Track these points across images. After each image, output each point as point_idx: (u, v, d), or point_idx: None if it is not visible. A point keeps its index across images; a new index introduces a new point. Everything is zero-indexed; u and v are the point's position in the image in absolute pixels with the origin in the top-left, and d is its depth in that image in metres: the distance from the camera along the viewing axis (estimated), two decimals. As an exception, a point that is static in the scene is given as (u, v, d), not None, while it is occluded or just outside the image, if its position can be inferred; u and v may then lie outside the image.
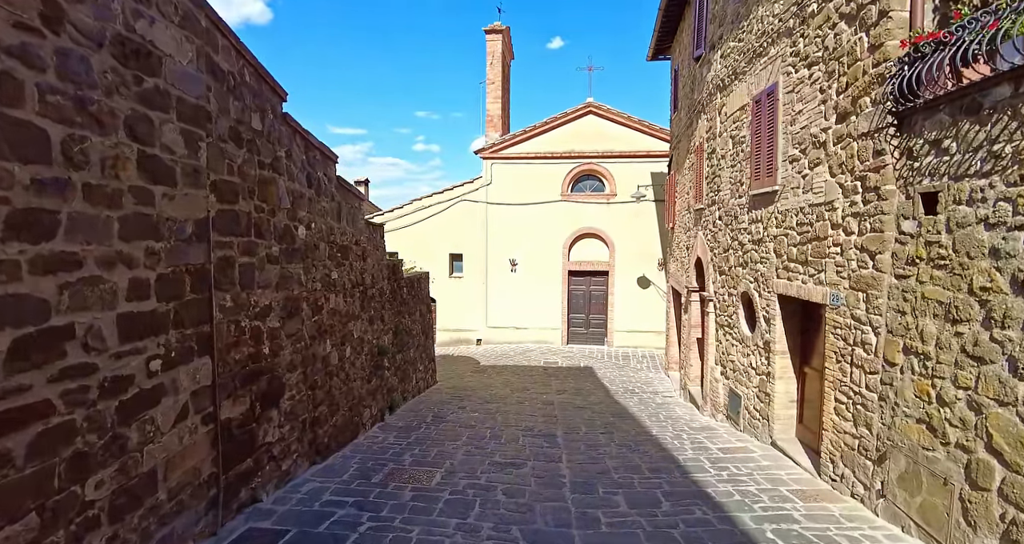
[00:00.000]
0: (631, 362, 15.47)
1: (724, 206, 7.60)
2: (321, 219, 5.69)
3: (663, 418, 8.36)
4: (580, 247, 17.44)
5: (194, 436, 3.36)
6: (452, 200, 17.80)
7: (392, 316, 8.46)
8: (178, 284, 3.20)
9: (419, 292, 10.67)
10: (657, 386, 12.00)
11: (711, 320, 8.20)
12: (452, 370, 14.36)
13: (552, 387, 11.89)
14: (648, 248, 16.92)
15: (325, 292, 5.68)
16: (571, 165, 17.18)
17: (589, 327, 17.65)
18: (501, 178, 17.49)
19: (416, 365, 9.98)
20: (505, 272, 17.62)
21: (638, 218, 16.92)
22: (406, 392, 9.10)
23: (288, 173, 4.90)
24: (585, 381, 12.75)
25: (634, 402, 9.99)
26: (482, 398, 10.01)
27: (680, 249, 11.24)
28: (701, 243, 8.81)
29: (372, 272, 7.46)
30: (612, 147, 16.95)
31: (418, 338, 10.26)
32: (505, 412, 8.56)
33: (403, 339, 9.05)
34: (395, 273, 8.80)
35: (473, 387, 11.68)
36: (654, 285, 17.01)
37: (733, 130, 7.29)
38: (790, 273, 5.58)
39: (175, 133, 3.18)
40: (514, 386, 11.89)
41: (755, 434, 6.53)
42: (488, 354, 16.54)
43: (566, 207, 17.25)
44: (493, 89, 17.86)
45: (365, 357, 6.98)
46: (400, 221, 18.03)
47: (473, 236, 17.73)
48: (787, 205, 5.63)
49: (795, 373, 5.99)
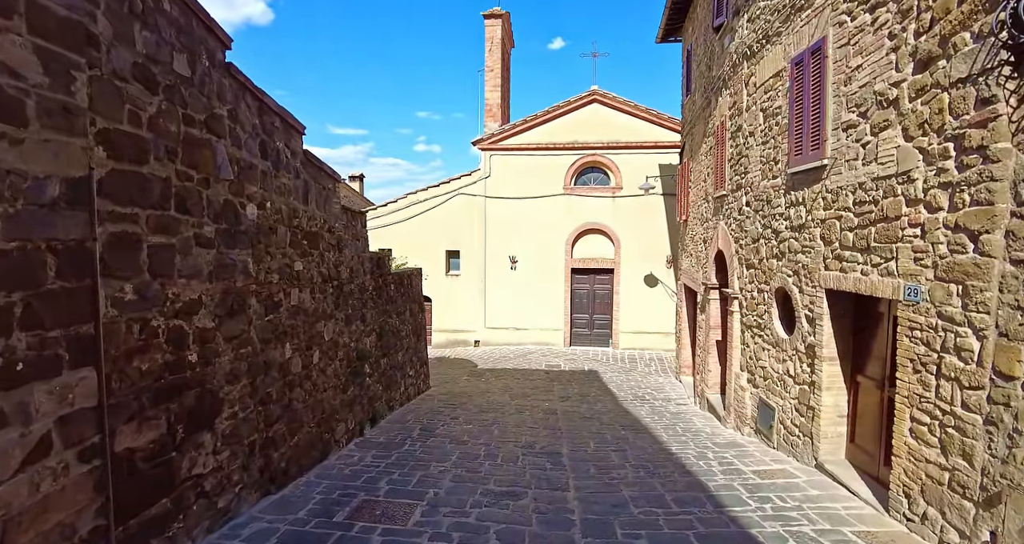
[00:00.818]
0: (638, 365, 14.51)
1: (753, 190, 6.65)
2: (281, 199, 4.75)
3: (681, 431, 7.40)
4: (584, 243, 16.49)
5: (62, 480, 2.41)
6: (449, 194, 16.87)
7: (376, 316, 7.52)
8: (29, 266, 2.26)
9: (409, 290, 9.73)
10: (669, 392, 11.04)
11: (735, 320, 7.25)
12: (447, 374, 13.42)
13: (555, 393, 10.94)
14: (656, 244, 15.97)
15: (285, 286, 4.74)
16: (574, 156, 16.24)
17: (593, 328, 16.70)
18: (500, 170, 16.55)
19: (405, 370, 9.04)
20: (505, 270, 16.68)
21: (645, 213, 15.97)
22: (392, 401, 8.16)
23: (233, 137, 3.96)
24: (590, 386, 11.80)
25: (646, 411, 9.04)
26: (478, 406, 9.06)
27: (695, 243, 10.30)
28: (723, 234, 7.86)
29: (350, 265, 6.52)
30: (618, 137, 16.00)
31: (408, 340, 9.32)
32: (503, 424, 7.61)
33: (389, 341, 8.11)
34: (380, 267, 7.86)
35: (469, 393, 10.73)
36: (662, 283, 16.06)
37: (764, 102, 6.34)
38: (844, 263, 4.63)
39: (25, 50, 2.24)
40: (513, 392, 10.94)
41: (794, 453, 5.58)
42: (486, 356, 15.59)
43: (569, 201, 16.31)
44: (492, 76, 16.93)
45: (340, 363, 6.04)
46: (394, 216, 17.10)
47: (471, 232, 16.79)
48: (840, 182, 4.67)
49: (845, 383, 5.04)
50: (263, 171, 4.43)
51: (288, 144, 4.96)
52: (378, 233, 16.94)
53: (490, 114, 16.89)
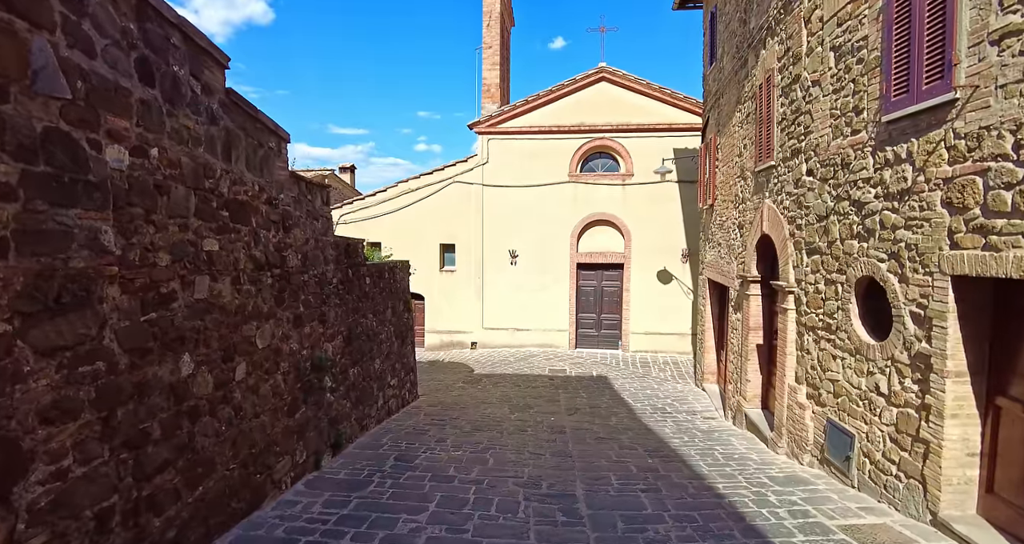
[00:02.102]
0: (652, 370, 13.07)
1: (819, 154, 5.21)
2: (181, 148, 3.31)
3: (722, 458, 5.96)
4: (591, 236, 15.05)
5: None
6: (443, 182, 15.42)
7: (343, 315, 6.08)
8: None
9: (393, 285, 8.31)
10: (693, 403, 9.60)
11: (789, 320, 5.81)
12: (440, 380, 11.99)
13: (561, 403, 9.51)
14: (670, 237, 14.53)
15: (184, 271, 3.29)
16: (581, 140, 14.79)
17: (601, 329, 15.26)
18: (499, 156, 15.11)
19: (384, 380, 7.60)
20: (504, 265, 15.24)
21: (659, 202, 14.53)
22: (366, 418, 6.72)
23: (73, 36, 2.52)
24: (601, 395, 10.37)
25: (671, 428, 7.60)
26: (471, 422, 7.62)
27: (724, 230, 8.86)
28: (770, 215, 6.42)
29: (303, 250, 5.09)
30: (629, 119, 14.56)
31: (389, 344, 7.89)
32: (500, 448, 6.17)
33: (362, 346, 6.67)
34: (351, 256, 6.43)
35: (462, 404, 9.30)
36: (677, 280, 14.62)
37: (838, 37, 4.90)
38: (990, 237, 3.19)
39: None
40: (514, 403, 9.50)
41: (890, 499, 4.14)
42: (484, 360, 14.16)
43: (574, 189, 14.86)
44: (490, 54, 15.49)
45: (285, 377, 4.60)
46: (383, 207, 15.66)
47: (467, 223, 15.36)
48: (987, 119, 3.23)
49: (979, 408, 3.60)
50: (144, 102, 2.99)
51: (197, 75, 3.52)
52: (364, 226, 15.53)
53: (488, 95, 15.45)
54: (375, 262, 7.84)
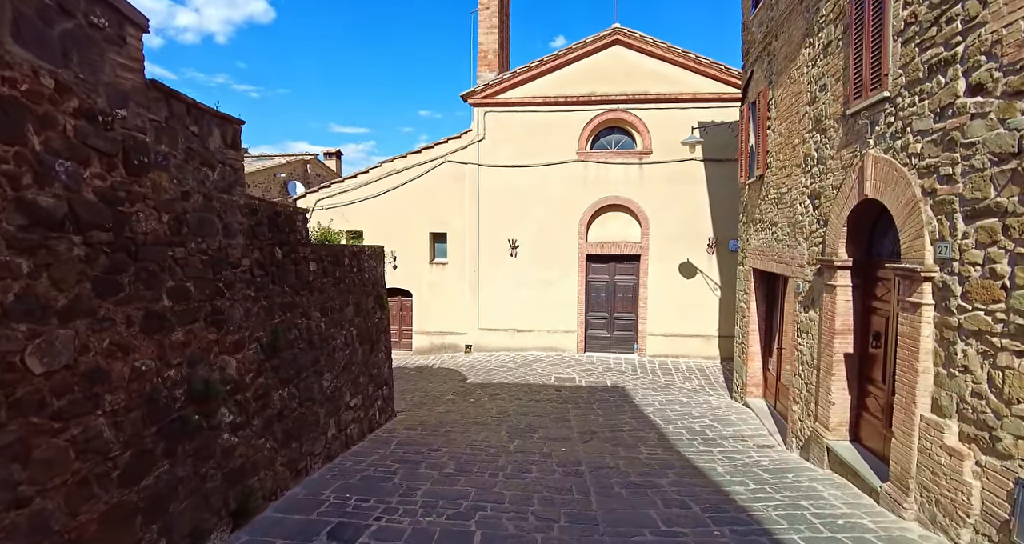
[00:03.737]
0: (676, 379, 11.15)
1: (1002, 54, 3.26)
2: None
3: (820, 525, 4.01)
4: (603, 223, 13.12)
5: None
6: (433, 162, 13.49)
7: (262, 313, 4.17)
8: None
9: (357, 275, 6.41)
10: (738, 425, 7.68)
11: (923, 320, 3.88)
12: (426, 392, 10.08)
13: (572, 423, 7.60)
14: (695, 224, 12.60)
15: None
16: (591, 113, 12.86)
17: (614, 329, 13.33)
18: (498, 131, 13.17)
19: (340, 401, 5.68)
20: (503, 257, 13.32)
21: (682, 183, 12.60)
22: (304, 458, 4.79)
23: None
24: (620, 412, 8.46)
25: (724, 466, 5.67)
26: (456, 457, 5.71)
27: (786, 204, 6.92)
28: (879, 169, 4.49)
29: (176, 210, 3.17)
30: (646, 88, 12.62)
31: (348, 352, 5.98)
32: (494, 507, 4.24)
33: (298, 358, 4.75)
34: (279, 229, 4.51)
35: (449, 425, 7.39)
36: (702, 274, 12.69)
37: None
38: None
39: None
40: (513, 423, 7.60)
41: None
42: (479, 366, 12.25)
43: (584, 169, 12.93)
44: (487, 16, 13.54)
45: (113, 418, 2.68)
46: (364, 191, 13.74)
47: (461, 209, 13.43)
48: None
49: None
50: None
51: None
52: (344, 212, 13.63)
53: (484, 63, 13.51)
54: (327, 243, 5.94)
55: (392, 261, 13.64)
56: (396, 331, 14.25)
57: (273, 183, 17.63)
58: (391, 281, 13.83)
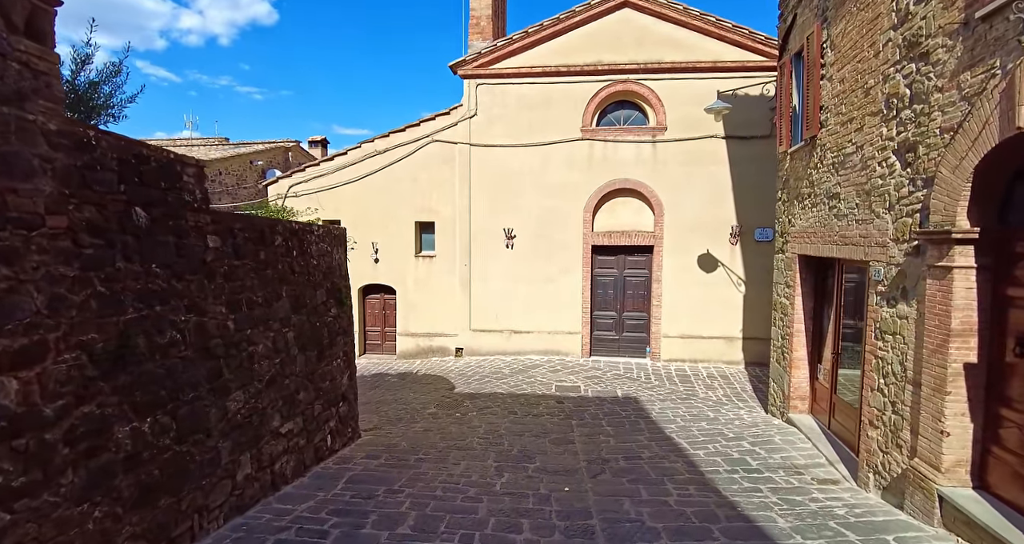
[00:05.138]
0: (697, 388, 9.63)
1: None
2: None
3: None
4: (611, 210, 11.59)
5: None
6: (419, 142, 11.99)
7: (102, 305, 2.65)
8: None
9: (297, 261, 4.91)
10: (785, 448, 6.14)
11: None
12: (406, 404, 8.58)
13: (576, 448, 6.09)
14: (716, 211, 11.06)
15: None
16: (597, 84, 11.33)
17: (623, 331, 11.80)
18: (492, 107, 11.66)
19: (262, 428, 4.16)
20: (498, 249, 11.81)
21: (701, 164, 11.06)
22: (183, 522, 3.24)
23: None
24: (636, 431, 6.95)
25: (783, 514, 4.14)
26: (420, 504, 4.19)
27: (852, 168, 5.39)
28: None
29: None
30: (660, 56, 11.10)
31: (279, 361, 4.47)
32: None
33: (177, 372, 3.22)
34: (142, 180, 2.99)
35: (424, 450, 5.88)
36: (724, 267, 11.16)
37: None
38: None
39: None
40: (503, 448, 6.09)
41: None
42: (470, 372, 10.74)
43: (590, 149, 11.41)
44: (480, -22, 12.04)
45: None
46: (342, 175, 12.24)
47: (451, 195, 11.93)
48: None
49: None
50: None
51: None
52: (319, 198, 12.15)
53: (477, 30, 12.00)
54: (247, 214, 4.44)
55: (373, 254, 12.14)
56: (378, 332, 12.75)
57: (250, 171, 16.15)
58: (372, 276, 12.32)
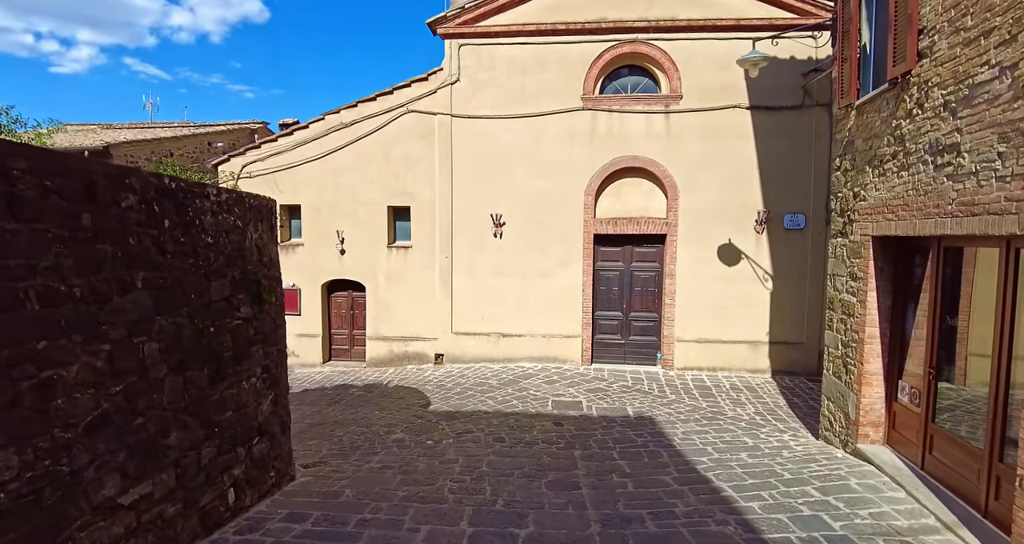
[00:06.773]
0: (722, 403, 8.00)
1: None
2: None
3: None
4: (616, 192, 9.95)
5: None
6: (392, 112, 10.29)
7: None
8: None
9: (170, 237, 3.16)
10: (868, 497, 4.48)
11: None
12: (368, 424, 6.89)
13: (583, 494, 4.42)
14: (739, 194, 9.46)
15: None
16: (601, 45, 9.70)
17: (630, 334, 10.16)
18: (477, 71, 9.99)
19: (74, 506, 2.44)
20: (484, 238, 10.14)
21: (721, 138, 9.45)
22: None
23: None
24: (658, 467, 5.30)
25: None
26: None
27: (977, 107, 3.76)
28: None
29: None
30: (675, 13, 9.48)
31: (137, 387, 2.73)
32: None
33: None
34: None
35: (372, 503, 4.16)
36: (749, 260, 9.55)
37: None
38: None
39: None
40: (484, 497, 4.40)
41: None
42: (450, 384, 9.06)
43: (592, 120, 9.77)
44: (464, -76, 10.36)
45: None
46: (304, 152, 10.52)
47: (429, 175, 10.24)
48: None
49: None
50: None
51: None
52: (276, 179, 10.43)
53: (461, -16, 10.33)
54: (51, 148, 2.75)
55: (339, 244, 10.43)
56: (345, 336, 11.02)
57: (208, 154, 14.38)
58: (338, 271, 10.58)
